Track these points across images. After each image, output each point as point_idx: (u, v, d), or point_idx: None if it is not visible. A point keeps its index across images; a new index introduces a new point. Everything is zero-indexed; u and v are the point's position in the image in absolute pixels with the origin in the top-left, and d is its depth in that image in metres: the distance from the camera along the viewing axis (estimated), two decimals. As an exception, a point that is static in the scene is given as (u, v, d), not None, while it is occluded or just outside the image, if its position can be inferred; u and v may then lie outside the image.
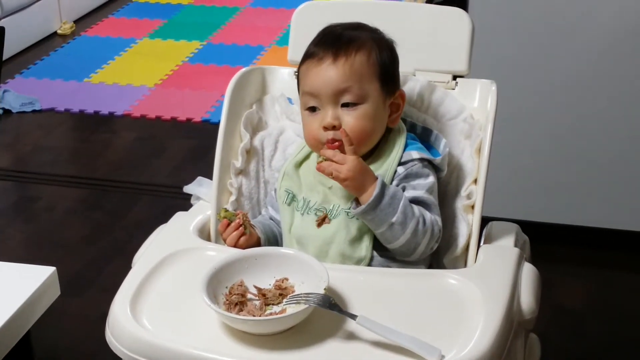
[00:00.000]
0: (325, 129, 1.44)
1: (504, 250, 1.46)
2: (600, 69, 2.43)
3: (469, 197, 1.49)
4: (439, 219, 1.45)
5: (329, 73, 1.44)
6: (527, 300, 1.35)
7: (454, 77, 1.62)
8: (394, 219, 1.39)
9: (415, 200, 1.44)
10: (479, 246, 1.47)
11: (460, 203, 1.50)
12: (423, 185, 1.45)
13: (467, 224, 1.47)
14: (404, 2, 1.68)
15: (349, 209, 1.44)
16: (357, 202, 1.42)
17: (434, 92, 1.58)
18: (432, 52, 1.61)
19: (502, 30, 2.43)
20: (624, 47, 2.39)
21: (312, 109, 1.46)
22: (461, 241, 1.47)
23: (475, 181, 1.49)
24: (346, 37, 1.47)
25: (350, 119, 1.44)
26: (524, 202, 2.62)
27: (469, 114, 1.56)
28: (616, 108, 2.47)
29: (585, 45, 2.40)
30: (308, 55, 1.49)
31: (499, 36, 2.42)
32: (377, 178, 1.41)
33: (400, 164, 1.47)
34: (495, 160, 1.50)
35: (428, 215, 1.43)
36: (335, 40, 1.47)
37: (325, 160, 1.42)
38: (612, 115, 2.48)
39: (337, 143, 1.43)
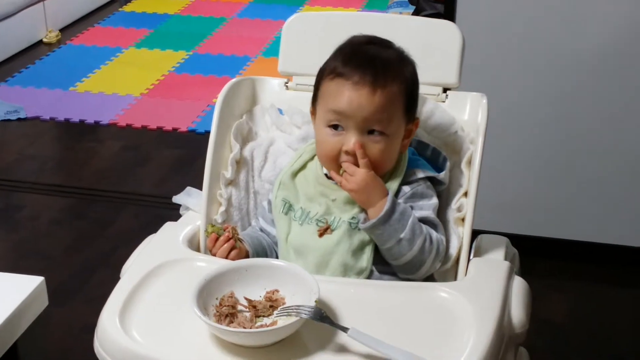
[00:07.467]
0: (347, 153, 1.43)
1: (495, 264, 1.46)
2: (589, 84, 2.44)
3: (459, 209, 1.49)
4: (444, 239, 1.45)
5: (365, 101, 1.40)
6: (517, 314, 1.35)
7: (445, 90, 1.63)
8: (402, 235, 1.40)
9: (422, 220, 1.44)
10: (469, 259, 1.47)
11: (451, 216, 1.50)
12: (429, 206, 1.46)
13: (457, 237, 1.47)
14: (394, 15, 1.68)
15: (352, 219, 1.44)
16: (367, 215, 1.42)
17: (425, 105, 1.57)
18: (422, 64, 1.60)
19: (491, 44, 2.43)
20: (614, 62, 2.40)
21: (334, 127, 1.44)
22: (452, 254, 1.47)
23: (466, 194, 1.49)
24: (381, 61, 1.43)
25: (374, 148, 1.42)
26: (510, 216, 2.62)
27: (459, 127, 1.56)
28: (604, 124, 2.48)
29: (574, 60, 2.41)
30: (338, 74, 1.43)
31: (488, 50, 2.43)
32: (387, 193, 1.41)
33: (404, 182, 1.47)
34: (483, 173, 1.50)
35: (434, 234, 1.44)
36: (370, 62, 1.42)
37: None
38: (600, 131, 2.49)
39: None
